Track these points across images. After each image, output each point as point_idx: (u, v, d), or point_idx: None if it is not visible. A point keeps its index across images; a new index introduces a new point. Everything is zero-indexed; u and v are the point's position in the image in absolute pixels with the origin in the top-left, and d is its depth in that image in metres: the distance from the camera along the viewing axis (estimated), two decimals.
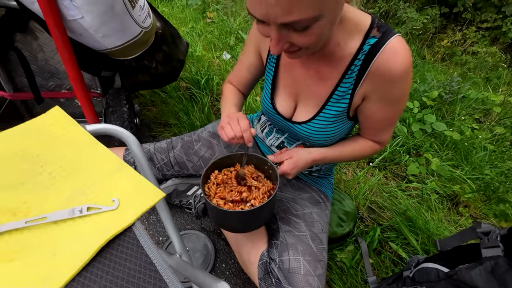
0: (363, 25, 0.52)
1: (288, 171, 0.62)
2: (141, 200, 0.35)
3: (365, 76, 0.53)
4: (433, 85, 1.73)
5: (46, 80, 1.02)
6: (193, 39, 2.30)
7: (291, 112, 0.66)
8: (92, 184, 0.36)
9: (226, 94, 0.76)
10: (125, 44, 0.80)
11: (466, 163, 1.40)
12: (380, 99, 0.55)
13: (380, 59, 0.50)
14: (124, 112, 0.97)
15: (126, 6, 0.71)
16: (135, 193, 0.36)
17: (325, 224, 0.75)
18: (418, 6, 3.04)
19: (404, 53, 0.49)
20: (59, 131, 0.39)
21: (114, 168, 0.38)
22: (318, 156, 0.65)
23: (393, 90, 0.53)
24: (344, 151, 0.66)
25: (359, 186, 1.18)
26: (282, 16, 0.37)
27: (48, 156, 0.37)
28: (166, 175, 0.91)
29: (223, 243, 0.93)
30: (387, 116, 0.59)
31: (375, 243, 0.95)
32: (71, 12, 0.65)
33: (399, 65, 0.49)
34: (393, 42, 0.49)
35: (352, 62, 0.53)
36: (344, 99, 0.57)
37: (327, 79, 0.57)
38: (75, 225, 0.32)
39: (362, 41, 0.52)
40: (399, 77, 0.50)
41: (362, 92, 0.55)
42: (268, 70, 0.68)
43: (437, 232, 0.98)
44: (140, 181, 0.37)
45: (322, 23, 0.40)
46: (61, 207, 0.33)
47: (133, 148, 0.46)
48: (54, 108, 0.40)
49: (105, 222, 0.32)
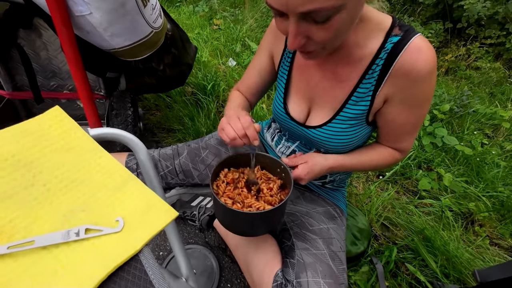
0: (384, 24, 0.49)
1: (303, 175, 0.57)
2: (150, 221, 0.30)
3: (387, 75, 0.50)
4: (444, 98, 1.71)
5: (48, 80, 0.97)
6: (199, 45, 2.29)
7: (304, 117, 0.63)
8: (93, 200, 0.30)
9: (231, 100, 0.72)
10: (133, 44, 0.76)
11: (479, 180, 1.35)
12: (402, 101, 0.52)
13: (404, 57, 0.47)
14: (128, 115, 0.92)
15: (138, 4, 0.67)
16: (143, 212, 0.30)
17: (343, 242, 0.69)
18: (423, 21, 3.07)
19: (429, 52, 0.47)
20: (58, 135, 0.34)
21: (120, 181, 0.32)
22: (335, 163, 0.60)
23: (417, 92, 0.50)
24: (362, 158, 0.62)
25: (371, 201, 1.13)
26: (302, 4, 0.35)
27: (43, 164, 0.31)
28: (170, 184, 0.86)
29: (229, 260, 0.86)
30: (409, 120, 0.55)
31: (392, 264, 0.88)
32: (79, 7, 0.61)
33: (424, 63, 0.47)
34: (416, 40, 0.47)
35: (373, 61, 0.51)
36: (363, 101, 0.54)
37: (345, 80, 0.54)
38: (70, 251, 0.26)
39: (384, 40, 0.49)
40: (424, 76, 0.48)
41: (384, 93, 0.52)
42: (281, 74, 0.65)
43: (456, 253, 0.92)
44: (150, 198, 0.32)
45: (343, 16, 0.38)
46: (54, 228, 0.27)
47: (141, 157, 0.41)
48: (53, 108, 0.35)
49: (106, 247, 0.27)
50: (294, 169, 0.58)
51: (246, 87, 0.73)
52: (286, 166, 0.57)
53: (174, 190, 0.87)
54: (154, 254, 0.87)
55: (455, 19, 2.96)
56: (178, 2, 3.29)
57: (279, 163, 0.58)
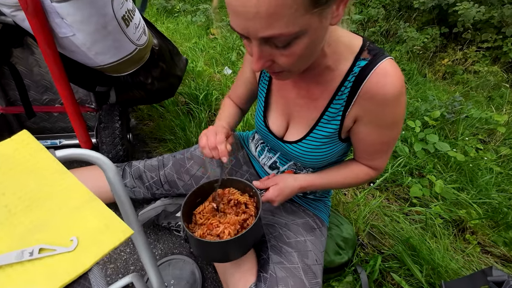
0: (353, 47, 0.51)
1: (273, 198, 0.60)
2: (105, 239, 0.31)
3: (355, 98, 0.51)
4: (435, 104, 1.71)
5: (41, 94, 1.01)
6: (195, 54, 2.33)
7: (283, 131, 0.65)
8: (52, 220, 0.32)
9: (222, 108, 0.76)
10: (118, 61, 0.79)
11: (471, 186, 1.34)
12: (371, 122, 0.53)
13: (370, 82, 0.48)
14: (116, 128, 0.95)
15: (120, 25, 0.70)
16: (99, 231, 0.32)
17: (320, 254, 0.70)
18: (418, 26, 3.09)
19: (394, 76, 0.47)
20: (24, 158, 0.36)
21: (80, 202, 0.34)
22: (304, 183, 0.62)
23: (385, 114, 0.51)
24: (335, 178, 0.63)
25: (359, 209, 1.13)
26: (262, 29, 0.35)
27: (6, 186, 0.33)
28: (155, 195, 0.88)
29: (212, 271, 0.87)
30: (380, 140, 0.56)
31: (376, 273, 0.88)
32: (63, 30, 0.64)
33: (389, 88, 0.47)
34: (383, 65, 0.48)
35: (342, 83, 0.52)
36: (335, 120, 0.56)
37: (317, 99, 0.56)
38: (23, 270, 0.28)
39: (353, 63, 0.50)
40: (390, 100, 0.48)
41: (353, 114, 0.54)
42: (261, 88, 0.67)
43: (442, 263, 0.91)
44: (108, 218, 0.33)
45: (304, 41, 0.38)
46: (11, 248, 0.29)
47: (109, 174, 0.43)
48: (22, 132, 0.37)
49: (58, 267, 0.28)
50: (266, 192, 0.60)
51: (236, 96, 0.77)
52: (256, 190, 0.60)
53: (159, 201, 0.89)
54: (139, 264, 0.89)
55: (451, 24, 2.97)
56: (177, 12, 3.38)
57: (251, 187, 0.61)
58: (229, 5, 0.36)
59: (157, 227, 0.98)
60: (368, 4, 3.33)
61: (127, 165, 0.87)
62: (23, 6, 0.57)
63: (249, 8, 0.33)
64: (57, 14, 0.61)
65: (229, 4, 0.36)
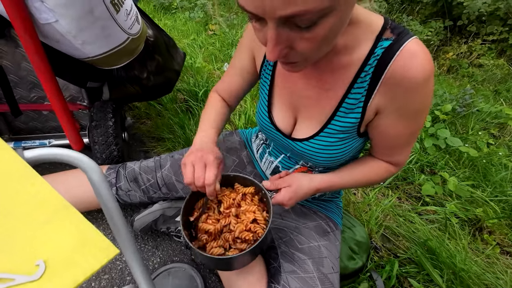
0: (374, 26, 0.44)
1: (285, 202, 0.52)
2: (81, 262, 0.24)
3: (379, 84, 0.44)
4: (445, 98, 1.64)
5: (28, 91, 0.94)
6: (194, 50, 2.27)
7: (290, 126, 0.57)
8: (14, 239, 0.25)
9: (207, 107, 0.66)
10: (109, 52, 0.72)
11: (486, 183, 1.27)
12: (396, 111, 0.46)
13: (396, 64, 0.42)
14: (109, 126, 0.88)
15: (109, 10, 0.63)
16: (73, 251, 0.25)
17: (336, 261, 0.63)
18: (422, 19, 3.01)
19: (423, 57, 0.41)
20: None
21: (51, 212, 0.27)
22: (321, 184, 0.55)
23: (412, 101, 0.44)
24: (354, 177, 0.56)
25: (371, 210, 1.06)
26: (283, 5, 0.28)
27: None
28: (152, 198, 0.81)
29: (215, 279, 0.80)
30: (405, 132, 0.49)
31: (393, 280, 0.81)
32: (43, 15, 0.57)
33: (418, 71, 0.41)
34: (410, 45, 0.41)
35: (362, 68, 0.45)
36: (354, 112, 0.48)
37: (331, 89, 0.49)
38: None
39: (374, 44, 0.43)
40: (419, 85, 0.42)
41: (376, 104, 0.46)
42: (263, 79, 0.59)
43: (463, 266, 0.85)
44: (86, 232, 0.27)
45: (330, 21, 0.31)
46: None
47: (93, 176, 0.36)
48: None
49: None
50: (277, 194, 0.53)
51: (226, 89, 0.67)
52: (266, 191, 0.52)
53: (157, 204, 0.82)
54: None
55: (455, 16, 2.90)
56: (174, 9, 3.30)
57: (260, 188, 0.54)
58: None
59: (156, 233, 0.91)
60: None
61: (121, 167, 0.81)
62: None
63: None
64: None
65: None
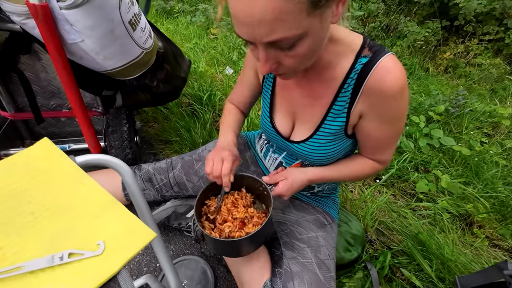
0: (354, 45, 0.52)
1: (283, 192, 0.60)
2: (130, 243, 0.32)
3: (359, 94, 0.53)
4: (438, 99, 1.70)
5: (48, 100, 1.02)
6: (196, 54, 2.34)
7: (289, 131, 0.66)
8: (77, 225, 0.33)
9: (225, 115, 0.77)
10: (126, 65, 0.79)
11: (477, 180, 1.34)
12: (376, 117, 0.54)
13: (372, 78, 0.50)
14: (124, 131, 0.96)
15: (127, 29, 0.71)
16: (123, 235, 0.33)
17: (332, 249, 0.71)
18: (419, 20, 3.06)
19: (396, 71, 0.49)
20: (46, 165, 0.37)
21: (103, 206, 0.35)
22: (313, 176, 0.63)
23: (389, 109, 0.52)
24: (342, 170, 0.65)
25: (367, 206, 1.13)
26: (267, 35, 0.37)
27: (31, 194, 0.34)
28: (165, 196, 0.88)
29: (224, 270, 0.88)
30: (386, 134, 0.57)
31: (386, 269, 0.89)
32: (71, 36, 0.65)
33: (391, 83, 0.49)
34: (384, 61, 0.49)
35: (345, 81, 0.53)
36: (340, 117, 0.57)
37: (321, 97, 0.57)
38: (54, 275, 0.29)
39: (354, 61, 0.52)
40: (393, 95, 0.50)
41: (358, 110, 0.55)
42: (265, 90, 0.68)
43: (452, 257, 0.92)
44: (130, 221, 0.34)
45: (307, 42, 0.40)
46: (41, 254, 0.30)
47: (126, 179, 0.44)
48: (42, 140, 0.38)
49: (87, 270, 0.29)
50: (275, 187, 0.61)
51: (238, 100, 0.78)
52: (266, 185, 0.60)
53: (170, 202, 0.90)
54: (151, 266, 0.90)
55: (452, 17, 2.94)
56: (176, 13, 3.37)
57: (260, 183, 0.62)
58: (235, 16, 0.38)
59: (168, 228, 0.99)
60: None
61: (137, 168, 0.88)
62: (33, 14, 0.57)
63: (253, 17, 0.35)
64: (67, 21, 0.61)
65: (234, 15, 0.38)
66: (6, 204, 0.33)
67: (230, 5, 0.37)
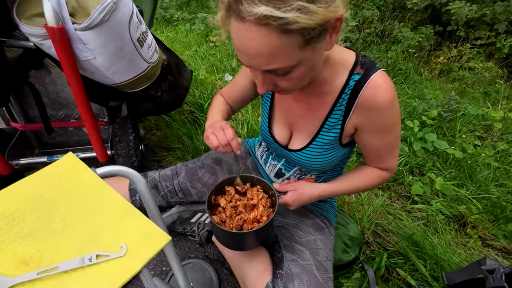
0: (347, 63, 0.57)
1: (290, 202, 0.64)
2: (148, 245, 0.36)
3: (353, 108, 0.57)
4: (431, 104, 1.76)
5: (57, 111, 1.07)
6: (196, 62, 2.39)
7: (287, 140, 0.70)
8: (101, 231, 0.37)
9: (214, 104, 0.79)
10: (133, 79, 0.84)
11: (470, 182, 1.39)
12: (372, 128, 0.59)
13: (364, 94, 0.55)
14: (130, 140, 1.00)
15: (135, 46, 0.76)
16: (142, 238, 0.37)
17: (330, 252, 0.75)
18: (413, 25, 3.15)
19: (385, 87, 0.54)
20: (72, 177, 0.41)
21: (123, 213, 0.39)
22: (323, 192, 0.67)
23: (383, 120, 0.57)
24: (351, 184, 0.68)
25: (363, 209, 1.17)
26: (264, 65, 0.43)
27: (61, 202, 0.38)
28: (170, 203, 0.92)
29: (227, 272, 0.92)
30: (384, 142, 0.61)
31: (382, 270, 0.93)
32: (84, 54, 0.70)
33: (382, 98, 0.54)
34: (375, 78, 0.54)
35: (340, 96, 0.58)
36: (335, 128, 0.61)
37: (317, 110, 0.62)
38: (85, 274, 0.33)
39: (348, 77, 0.57)
40: (384, 108, 0.55)
41: (353, 122, 0.59)
42: (264, 101, 0.73)
43: (445, 257, 0.96)
44: (148, 226, 0.39)
45: (301, 69, 0.46)
46: (72, 255, 0.34)
47: (140, 187, 0.48)
48: (68, 154, 0.43)
49: (113, 270, 0.33)
50: (284, 195, 0.65)
51: (229, 96, 0.80)
52: (275, 191, 0.64)
53: (175, 208, 0.94)
54: (158, 269, 0.93)
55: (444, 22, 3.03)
56: (175, 21, 3.44)
57: (270, 188, 0.66)
58: (236, 46, 0.44)
59: (173, 233, 1.03)
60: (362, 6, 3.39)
61: (143, 176, 0.92)
62: (51, 35, 0.62)
63: (251, 50, 0.41)
64: (80, 41, 0.66)
65: (235, 45, 0.44)
66: (37, 212, 0.38)
67: (232, 35, 0.43)
